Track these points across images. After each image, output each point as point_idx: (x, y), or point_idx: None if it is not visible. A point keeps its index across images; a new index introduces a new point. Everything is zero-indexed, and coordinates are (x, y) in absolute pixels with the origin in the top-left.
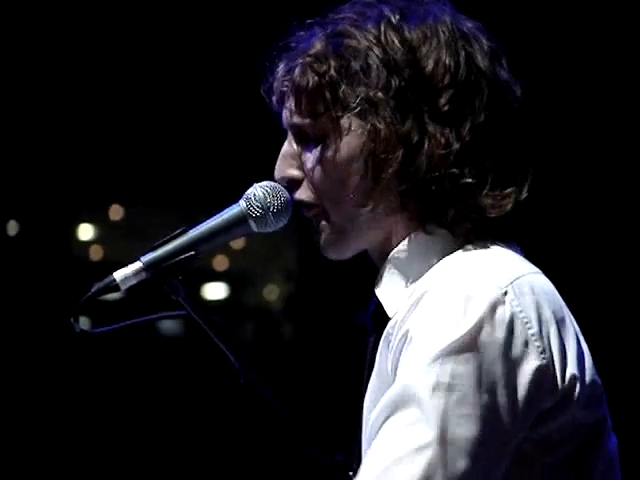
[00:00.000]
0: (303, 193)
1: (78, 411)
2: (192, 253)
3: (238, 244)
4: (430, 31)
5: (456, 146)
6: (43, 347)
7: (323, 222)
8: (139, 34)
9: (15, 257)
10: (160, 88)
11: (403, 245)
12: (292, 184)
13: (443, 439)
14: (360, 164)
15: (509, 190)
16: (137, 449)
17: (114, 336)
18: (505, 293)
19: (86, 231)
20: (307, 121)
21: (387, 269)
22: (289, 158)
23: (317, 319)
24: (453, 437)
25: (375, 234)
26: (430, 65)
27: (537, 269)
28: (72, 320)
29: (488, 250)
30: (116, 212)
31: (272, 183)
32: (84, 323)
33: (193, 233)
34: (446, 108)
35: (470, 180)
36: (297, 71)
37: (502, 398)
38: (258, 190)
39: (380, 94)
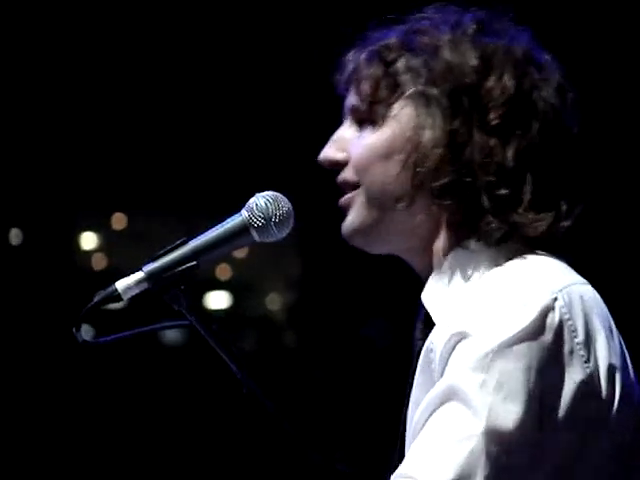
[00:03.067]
0: (347, 172)
1: (81, 420)
2: (194, 263)
3: (241, 253)
4: (502, 49)
5: (498, 159)
6: (46, 356)
7: (359, 201)
8: (144, 41)
9: (18, 266)
10: (163, 99)
11: (447, 257)
12: (334, 166)
13: (489, 432)
14: (403, 154)
15: (546, 214)
16: (141, 458)
17: (117, 346)
18: (555, 299)
19: (89, 240)
20: (365, 105)
21: (431, 280)
22: (337, 142)
23: (319, 328)
24: (499, 431)
25: (410, 236)
26: (492, 80)
27: (585, 280)
28: (74, 330)
29: (538, 259)
30: (119, 220)
31: (274, 193)
32: (87, 332)
33: (195, 243)
34: (495, 123)
35: (503, 193)
36: (365, 55)
37: (547, 401)
38: (260, 200)
39: (435, 90)
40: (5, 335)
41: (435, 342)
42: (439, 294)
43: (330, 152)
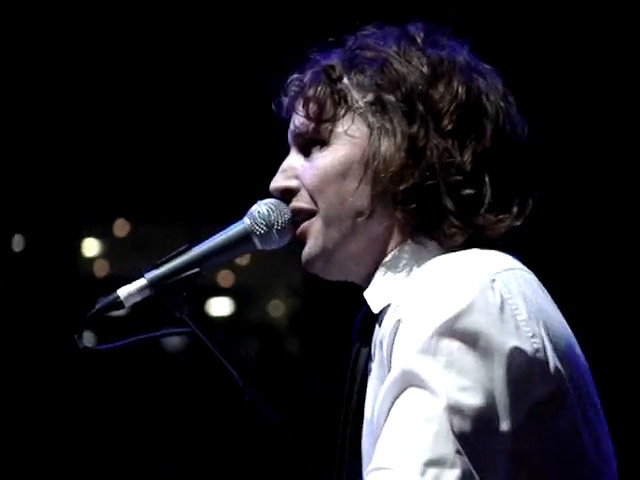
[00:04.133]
0: (300, 200)
1: (83, 427)
2: (196, 270)
3: (243, 260)
4: (448, 57)
5: (458, 160)
6: (48, 363)
7: (317, 227)
8: (151, 44)
9: (20, 272)
10: (166, 106)
11: (394, 252)
12: (287, 195)
13: (450, 408)
14: (360, 167)
15: (504, 215)
16: (143, 465)
17: (118, 352)
18: (493, 280)
19: (91, 246)
20: (312, 126)
21: (377, 275)
22: (287, 171)
23: (322, 335)
24: (459, 406)
25: (371, 249)
26: (442, 87)
27: (526, 268)
28: (76, 336)
29: (478, 250)
30: (121, 227)
31: (276, 200)
32: (88, 339)
33: (197, 250)
34: (449, 127)
35: (466, 194)
36: (309, 77)
37: (499, 372)
38: (262, 207)
39: (392, 97)
40: (7, 341)
41: (385, 333)
42: (381, 286)
43: (281, 181)
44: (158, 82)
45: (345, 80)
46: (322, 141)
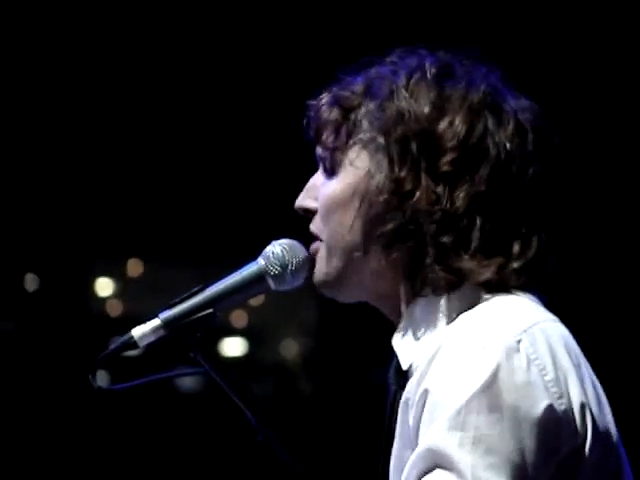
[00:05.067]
0: (313, 224)
1: (97, 467)
2: (210, 311)
3: (257, 300)
4: (458, 94)
5: (445, 206)
6: (61, 403)
7: (321, 253)
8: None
9: (34, 312)
10: (180, 147)
11: (413, 304)
12: (307, 214)
13: None
14: (356, 202)
15: (493, 259)
16: None
17: (132, 392)
18: (519, 341)
19: (104, 286)
20: (326, 153)
21: (400, 327)
22: (310, 190)
23: (335, 376)
24: None
25: (371, 284)
26: (443, 126)
27: (553, 317)
28: (90, 376)
29: (500, 302)
30: (135, 267)
31: (290, 241)
32: (102, 379)
33: (211, 290)
34: (445, 169)
35: (447, 241)
36: (327, 100)
37: (527, 442)
38: (277, 248)
39: (382, 138)
40: (21, 381)
41: (410, 395)
42: (407, 344)
43: (303, 200)
44: (172, 123)
45: (358, 110)
46: (333, 168)
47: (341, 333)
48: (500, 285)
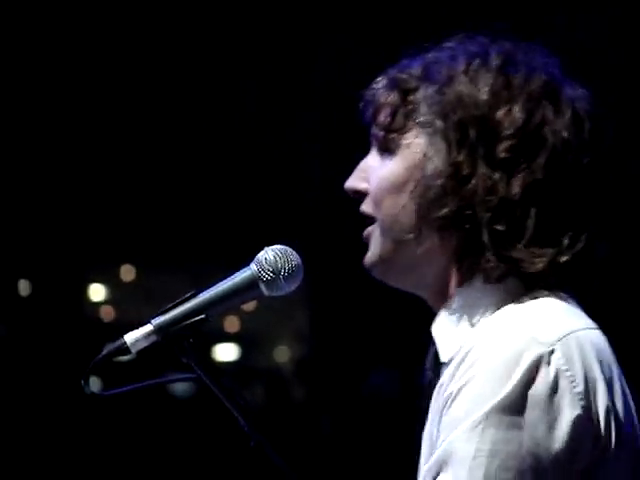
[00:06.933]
0: (365, 205)
1: (89, 473)
2: (203, 316)
3: (249, 306)
4: (518, 81)
5: (501, 193)
6: (53, 408)
7: (374, 234)
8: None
9: (27, 317)
10: (174, 151)
11: (458, 292)
12: (357, 196)
13: None
14: (412, 184)
15: (546, 250)
16: None
17: (125, 398)
18: (552, 351)
19: (97, 291)
20: (382, 134)
21: (441, 316)
22: (361, 171)
23: (328, 382)
24: None
25: (422, 268)
26: (502, 112)
27: (591, 324)
28: (82, 382)
29: (540, 304)
30: (127, 273)
31: (283, 247)
32: (95, 385)
33: (204, 296)
34: (502, 156)
35: (502, 229)
36: (385, 83)
37: (545, 460)
38: (269, 254)
39: (441, 122)
40: (13, 386)
41: (444, 384)
42: (447, 332)
43: (353, 181)
44: (167, 130)
45: (416, 93)
46: (390, 150)
47: (334, 339)
48: (549, 279)
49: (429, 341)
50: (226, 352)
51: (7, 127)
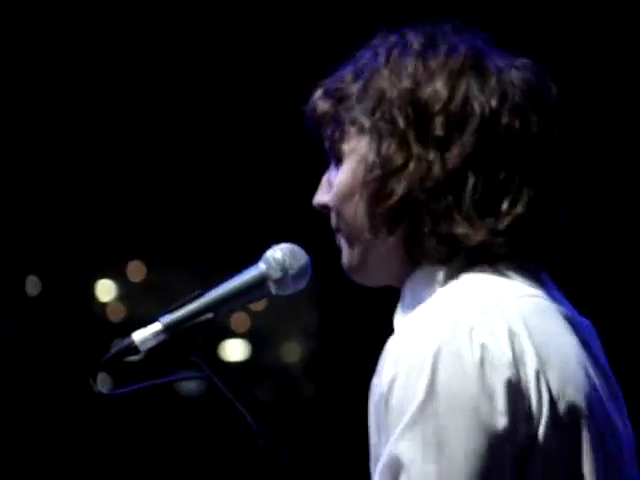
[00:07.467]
0: (332, 217)
1: (97, 471)
2: (211, 315)
3: (258, 304)
4: (437, 60)
5: (437, 172)
6: (62, 407)
7: (343, 244)
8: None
9: (35, 315)
10: (183, 148)
11: (409, 278)
12: (325, 210)
13: None
14: (357, 188)
15: (486, 220)
16: None
17: (133, 396)
18: (472, 329)
19: (106, 290)
20: (329, 145)
21: (399, 304)
22: (324, 185)
23: (338, 379)
24: None
25: (387, 265)
26: (426, 92)
27: (524, 292)
28: (91, 381)
29: (464, 282)
30: (136, 271)
31: (292, 245)
32: (103, 383)
33: (212, 295)
34: (433, 133)
35: (441, 207)
36: (320, 93)
37: (491, 438)
38: (277, 252)
39: (369, 119)
40: (21, 384)
41: (373, 386)
42: (400, 323)
43: (317, 197)
44: (176, 127)
45: (350, 96)
46: (340, 159)
47: (343, 336)
48: (493, 250)
49: None
50: (235, 350)
51: (16, 124)
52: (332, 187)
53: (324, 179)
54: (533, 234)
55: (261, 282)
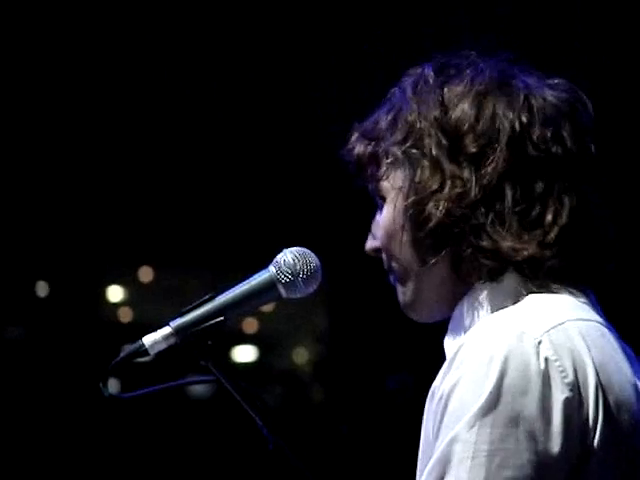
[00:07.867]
0: (383, 259)
1: (107, 474)
2: (221, 319)
3: (268, 307)
4: (463, 84)
5: (474, 189)
6: (72, 410)
7: (397, 284)
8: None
9: (45, 318)
10: (192, 153)
11: (463, 299)
12: (378, 254)
13: None
14: (400, 222)
15: (533, 233)
16: None
17: (143, 400)
18: (540, 342)
19: (115, 293)
20: (371, 187)
21: (450, 324)
22: (374, 229)
23: (347, 383)
24: None
25: (442, 293)
26: (455, 115)
27: (586, 316)
28: (101, 384)
29: (532, 300)
30: (146, 274)
31: (302, 249)
32: (113, 387)
33: (222, 298)
34: (465, 151)
35: (481, 222)
36: (356, 138)
37: (542, 453)
38: (288, 256)
39: (401, 151)
40: (32, 387)
41: (434, 390)
42: (452, 341)
43: (368, 243)
44: (185, 130)
45: (385, 136)
46: (383, 198)
47: (353, 340)
48: (541, 265)
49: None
50: (245, 354)
51: (25, 128)
52: (379, 229)
53: (373, 224)
54: (581, 246)
55: (272, 285)
